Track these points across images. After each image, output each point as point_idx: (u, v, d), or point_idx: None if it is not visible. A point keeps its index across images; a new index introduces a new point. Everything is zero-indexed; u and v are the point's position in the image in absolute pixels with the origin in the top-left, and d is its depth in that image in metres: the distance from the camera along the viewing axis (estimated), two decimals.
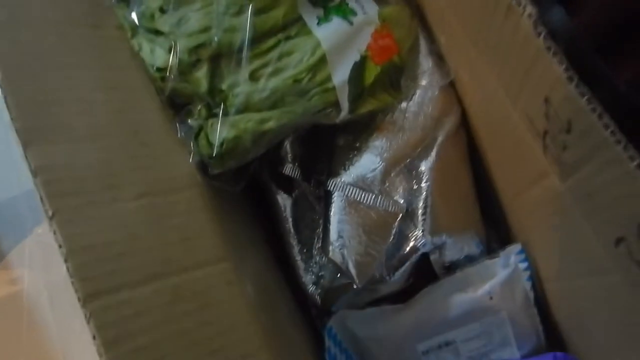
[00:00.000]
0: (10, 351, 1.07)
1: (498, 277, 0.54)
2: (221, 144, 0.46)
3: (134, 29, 0.48)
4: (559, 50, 0.32)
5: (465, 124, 0.57)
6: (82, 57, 0.46)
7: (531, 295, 0.53)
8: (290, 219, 0.60)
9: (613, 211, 0.34)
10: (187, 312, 0.40)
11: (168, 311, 0.39)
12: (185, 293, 0.41)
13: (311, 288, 0.59)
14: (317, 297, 0.58)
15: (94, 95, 0.44)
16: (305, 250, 0.60)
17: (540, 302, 0.53)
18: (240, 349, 0.42)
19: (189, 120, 0.48)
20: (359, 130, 0.56)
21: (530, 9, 0.32)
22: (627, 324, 0.39)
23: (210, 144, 0.46)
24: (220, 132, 0.46)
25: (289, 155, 0.58)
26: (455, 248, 0.55)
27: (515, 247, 0.54)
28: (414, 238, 0.55)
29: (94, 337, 0.35)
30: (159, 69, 0.47)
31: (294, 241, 0.60)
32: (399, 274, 0.55)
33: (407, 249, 0.55)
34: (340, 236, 0.54)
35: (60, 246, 0.37)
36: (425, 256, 0.55)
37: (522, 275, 0.54)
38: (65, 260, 0.36)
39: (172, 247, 0.42)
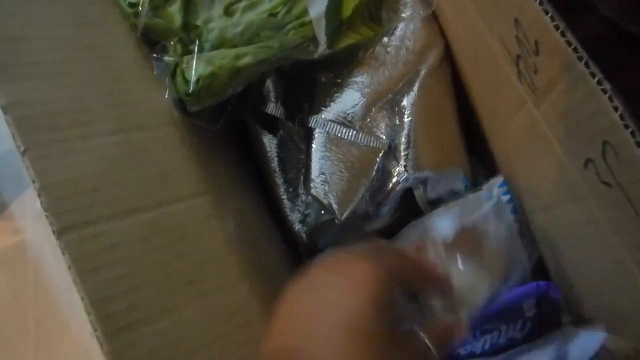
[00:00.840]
0: (20, 300, 1.10)
1: (481, 210, 0.54)
2: (197, 81, 0.46)
3: None
4: None
5: (449, 57, 0.56)
6: None
7: (515, 226, 0.53)
8: (275, 159, 0.61)
9: (580, 132, 0.34)
10: (164, 244, 0.41)
11: (144, 243, 0.40)
12: (162, 226, 0.41)
13: (297, 226, 0.60)
14: (304, 235, 0.59)
15: (63, 31, 0.44)
16: (291, 190, 0.60)
17: (524, 234, 0.53)
18: (218, 279, 0.42)
19: (164, 57, 0.47)
20: (340, 67, 0.55)
21: None
22: (605, 248, 0.39)
23: (186, 81, 0.46)
24: (195, 68, 0.46)
25: (272, 94, 0.58)
26: (439, 183, 0.55)
27: (497, 180, 0.54)
28: (396, 173, 0.55)
29: (69, 268, 0.36)
30: (131, 4, 0.46)
31: (279, 181, 0.60)
32: (383, 209, 0.56)
33: (390, 184, 0.55)
34: (322, 172, 0.54)
35: (33, 181, 0.37)
36: (410, 192, 0.56)
37: (505, 208, 0.54)
38: (39, 195, 0.37)
39: (149, 182, 0.42)
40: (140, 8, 0.46)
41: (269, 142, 0.60)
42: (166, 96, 0.46)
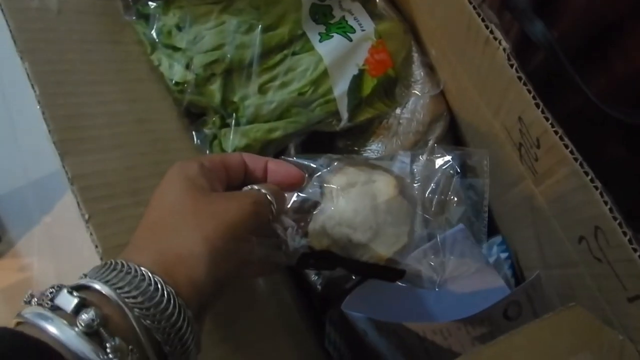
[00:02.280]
0: None
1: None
2: (233, 151, 0.51)
3: (153, 44, 0.53)
4: (527, 81, 0.37)
5: (453, 129, 0.62)
6: (106, 72, 0.51)
7: (512, 281, 0.59)
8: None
9: (575, 214, 0.40)
10: None
11: None
12: None
13: (313, 277, 0.64)
14: (318, 287, 0.64)
15: (117, 108, 0.49)
16: None
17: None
18: None
19: (204, 129, 0.53)
20: (357, 135, 0.61)
21: (504, 44, 0.38)
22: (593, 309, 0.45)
23: (223, 151, 0.52)
24: (232, 140, 0.51)
25: (294, 158, 0.64)
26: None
27: (497, 239, 0.60)
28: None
29: None
30: (177, 83, 0.52)
31: None
32: None
33: None
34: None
35: (96, 246, 0.42)
36: None
37: (503, 264, 0.60)
38: (101, 259, 0.42)
39: None
40: (185, 86, 0.51)
41: None
42: None
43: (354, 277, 0.59)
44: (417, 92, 0.60)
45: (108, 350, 0.26)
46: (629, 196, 0.40)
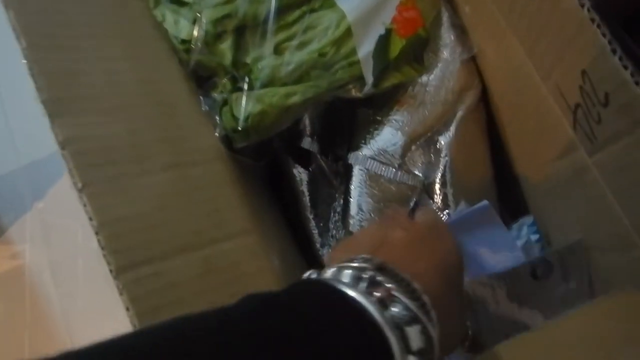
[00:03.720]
0: (15, 325, 1.07)
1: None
2: (246, 118, 0.46)
3: None
4: (602, 23, 0.32)
5: (484, 98, 0.57)
6: (105, 26, 0.45)
7: None
8: (307, 193, 0.60)
9: None
10: (220, 284, 0.40)
11: (201, 282, 0.39)
12: (216, 265, 0.41)
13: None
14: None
15: (118, 66, 0.44)
16: (321, 224, 0.60)
17: None
18: None
19: (214, 94, 0.47)
20: (380, 104, 0.55)
21: None
22: None
23: (235, 118, 0.46)
24: (245, 106, 0.46)
25: (308, 129, 0.58)
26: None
27: (527, 219, 0.55)
28: None
29: (127, 309, 0.35)
30: (183, 41, 0.46)
31: (310, 215, 0.60)
32: None
33: None
34: (360, 209, 0.54)
35: (90, 219, 0.37)
36: None
37: (534, 247, 0.55)
38: (97, 233, 0.36)
39: (202, 219, 0.42)
40: (192, 45, 0.46)
41: (300, 176, 0.60)
42: (216, 132, 0.46)
43: None
44: (447, 57, 0.55)
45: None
46: None
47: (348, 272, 0.28)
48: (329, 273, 0.29)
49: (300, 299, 0.27)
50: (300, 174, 0.60)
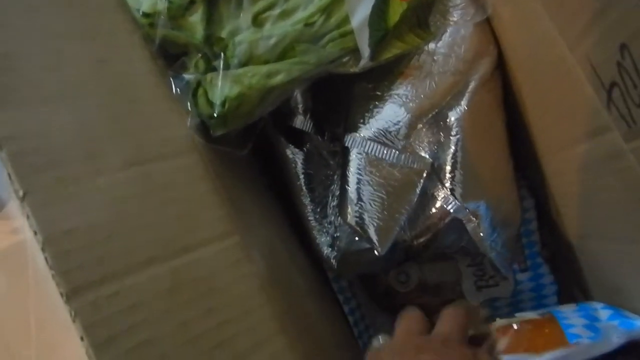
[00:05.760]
0: (19, 300, 1.06)
1: None
2: (223, 103, 0.39)
3: None
4: None
5: (500, 67, 0.50)
6: None
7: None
8: (301, 176, 0.55)
9: None
10: (190, 300, 0.35)
11: (168, 300, 0.34)
12: (188, 277, 0.36)
13: (326, 251, 0.54)
14: (333, 261, 0.53)
15: (68, 45, 0.37)
16: (319, 210, 0.55)
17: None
18: (253, 336, 0.37)
19: (185, 75, 0.41)
20: (380, 77, 0.49)
21: None
22: None
23: (210, 103, 0.40)
24: (221, 88, 0.39)
25: (300, 106, 0.52)
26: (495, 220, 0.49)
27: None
28: (441, 198, 0.49)
29: (81, 339, 0.30)
30: (145, 14, 0.39)
31: (306, 200, 0.55)
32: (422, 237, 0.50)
33: (433, 209, 0.49)
34: (359, 199, 0.48)
35: (35, 233, 0.31)
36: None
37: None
38: (43, 250, 0.31)
39: (170, 225, 0.36)
40: (157, 18, 0.39)
41: (295, 158, 0.54)
42: (188, 121, 0.40)
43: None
44: (457, 20, 0.47)
45: None
46: None
47: None
48: None
49: None
50: (294, 154, 0.54)
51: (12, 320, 1.10)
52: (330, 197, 0.54)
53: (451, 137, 0.48)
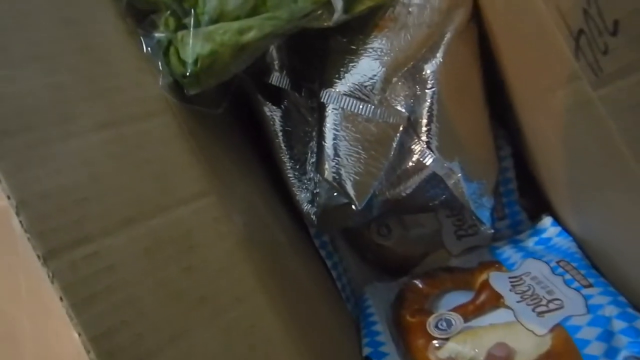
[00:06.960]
0: (8, 268, 1.05)
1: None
2: (195, 61, 0.39)
3: None
4: None
5: (475, 18, 0.49)
6: None
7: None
8: (280, 134, 0.54)
9: None
10: (169, 259, 0.35)
11: (146, 260, 0.34)
12: (166, 236, 0.36)
13: (306, 207, 0.54)
14: (313, 217, 0.54)
15: (32, 3, 0.36)
16: (298, 167, 0.55)
17: None
18: (232, 292, 0.37)
19: (155, 33, 0.40)
20: (355, 31, 0.48)
21: None
22: None
23: (182, 61, 0.39)
24: (193, 46, 0.39)
25: (276, 62, 0.52)
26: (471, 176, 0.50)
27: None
28: (417, 152, 0.49)
29: (60, 299, 0.31)
30: None
31: (285, 157, 0.55)
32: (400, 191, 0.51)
33: (410, 163, 0.50)
34: (336, 154, 0.48)
35: (8, 197, 0.31)
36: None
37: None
38: (17, 214, 0.31)
39: (146, 185, 0.36)
40: None
41: (273, 115, 0.54)
42: (160, 81, 0.40)
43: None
44: None
45: None
46: None
47: None
48: None
49: None
50: (271, 112, 0.54)
51: (2, 286, 1.10)
52: (309, 154, 0.54)
53: (427, 90, 0.48)
